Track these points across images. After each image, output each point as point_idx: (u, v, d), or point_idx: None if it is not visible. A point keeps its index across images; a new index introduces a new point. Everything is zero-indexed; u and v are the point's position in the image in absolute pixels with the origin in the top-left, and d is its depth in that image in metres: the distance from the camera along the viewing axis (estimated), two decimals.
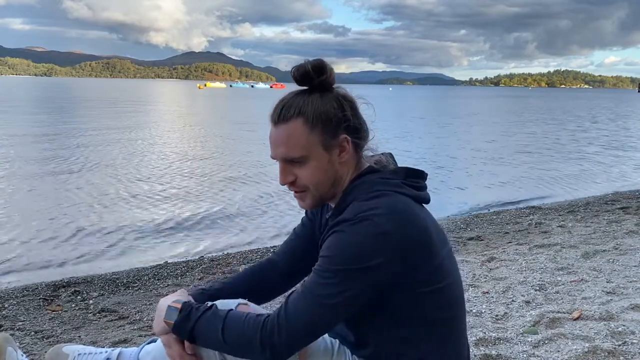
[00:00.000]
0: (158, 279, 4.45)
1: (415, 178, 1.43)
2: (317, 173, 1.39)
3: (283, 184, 1.43)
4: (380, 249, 1.26)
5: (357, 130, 1.41)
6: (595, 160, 13.51)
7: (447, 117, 32.04)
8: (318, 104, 1.37)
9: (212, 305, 1.38)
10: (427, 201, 1.43)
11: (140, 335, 3.03)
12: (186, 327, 1.36)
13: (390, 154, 1.48)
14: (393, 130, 20.15)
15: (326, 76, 1.37)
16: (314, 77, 1.36)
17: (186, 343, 1.39)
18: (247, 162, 11.82)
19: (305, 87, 1.40)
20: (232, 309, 1.38)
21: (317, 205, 1.49)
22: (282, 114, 1.38)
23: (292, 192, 1.46)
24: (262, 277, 1.65)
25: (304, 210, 1.67)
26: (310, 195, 1.43)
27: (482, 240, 5.45)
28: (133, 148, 13.77)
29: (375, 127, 1.47)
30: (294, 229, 1.70)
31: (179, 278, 4.47)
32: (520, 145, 16.66)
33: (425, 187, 1.45)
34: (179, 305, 1.38)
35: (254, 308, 1.44)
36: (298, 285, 1.38)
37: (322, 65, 1.36)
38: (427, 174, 1.47)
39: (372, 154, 1.45)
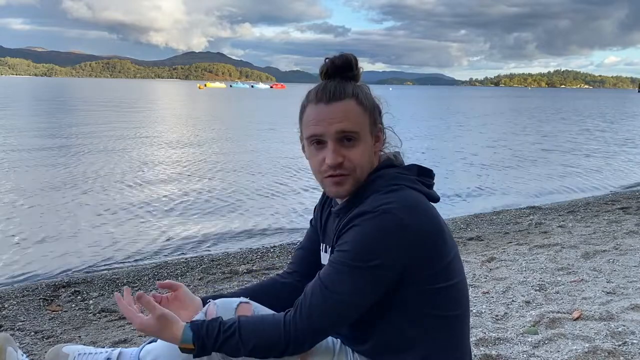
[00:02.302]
0: (158, 279, 4.44)
1: (425, 176, 1.44)
2: (364, 155, 1.39)
3: (334, 164, 1.37)
4: (399, 243, 1.28)
5: (383, 125, 1.45)
6: (628, 159, 13.49)
7: (460, 117, 31.83)
8: (366, 91, 1.42)
9: (218, 319, 1.35)
10: (437, 200, 1.44)
11: (140, 335, 3.03)
12: (207, 351, 1.35)
13: (398, 152, 1.50)
14: (418, 130, 20.22)
15: (359, 70, 1.42)
16: (354, 67, 1.41)
17: (125, 291, 1.53)
18: (248, 162, 11.82)
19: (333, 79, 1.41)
20: (239, 320, 1.36)
21: (350, 194, 1.42)
22: (336, 92, 1.37)
23: (325, 179, 1.41)
24: (275, 290, 1.65)
25: (309, 220, 1.69)
26: (351, 179, 1.39)
27: (482, 240, 5.45)
28: (133, 149, 13.77)
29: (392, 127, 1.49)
30: (300, 242, 1.72)
31: (179, 278, 4.47)
32: (545, 144, 16.63)
33: (433, 186, 1.46)
34: (192, 346, 1.34)
35: (255, 306, 1.44)
36: (314, 280, 1.35)
37: (356, 59, 1.42)
38: (434, 173, 1.48)
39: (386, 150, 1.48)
